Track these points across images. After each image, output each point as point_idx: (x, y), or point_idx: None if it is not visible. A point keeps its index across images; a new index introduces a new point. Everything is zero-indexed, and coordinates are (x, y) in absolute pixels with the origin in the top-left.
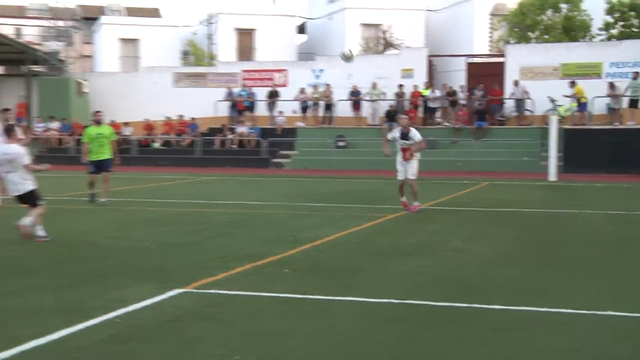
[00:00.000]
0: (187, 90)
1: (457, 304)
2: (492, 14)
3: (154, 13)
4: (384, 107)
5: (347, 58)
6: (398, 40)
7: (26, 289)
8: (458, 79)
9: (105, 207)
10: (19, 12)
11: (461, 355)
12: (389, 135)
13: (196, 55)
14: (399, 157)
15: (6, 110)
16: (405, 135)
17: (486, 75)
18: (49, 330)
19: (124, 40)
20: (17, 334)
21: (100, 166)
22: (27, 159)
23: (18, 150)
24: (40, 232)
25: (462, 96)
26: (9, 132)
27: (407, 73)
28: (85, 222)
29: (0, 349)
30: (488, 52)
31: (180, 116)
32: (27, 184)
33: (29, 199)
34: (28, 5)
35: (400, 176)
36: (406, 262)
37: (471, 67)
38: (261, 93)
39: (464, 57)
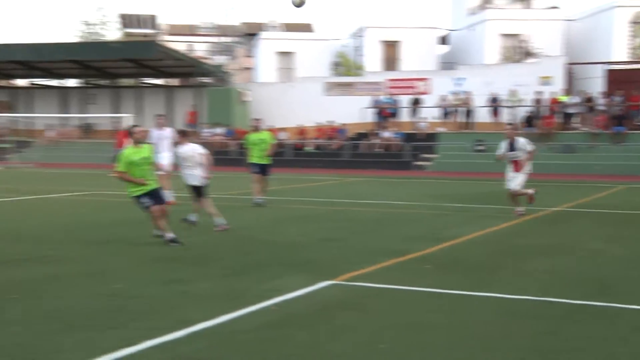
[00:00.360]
0: (336, 99)
1: (596, 302)
2: (632, 22)
3: (307, 28)
4: (522, 113)
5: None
6: (537, 49)
7: (195, 277)
8: (596, 86)
9: (263, 205)
10: (190, 30)
11: (601, 352)
12: (499, 153)
13: (345, 66)
14: (510, 168)
15: (161, 116)
16: (512, 146)
17: (625, 81)
18: (214, 314)
19: (280, 53)
20: (188, 317)
21: (259, 169)
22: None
23: (198, 149)
24: (220, 220)
25: (600, 102)
26: (183, 134)
27: (546, 80)
28: (245, 218)
29: (174, 329)
30: (628, 59)
31: (330, 122)
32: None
33: (201, 191)
34: (198, 24)
35: (510, 185)
36: (543, 262)
37: (610, 73)
38: (405, 100)
39: (602, 65)
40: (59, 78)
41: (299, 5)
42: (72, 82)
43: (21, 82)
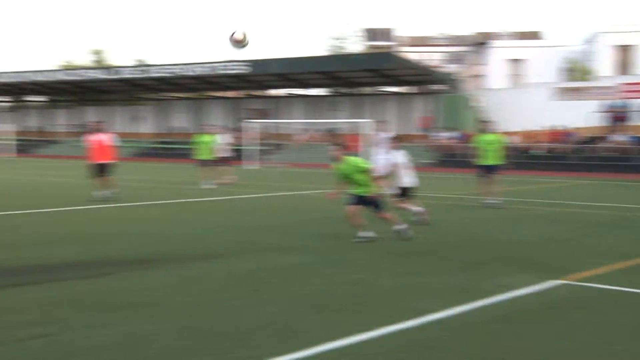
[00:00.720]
0: (563, 103)
1: None
2: None
3: (535, 35)
4: None
5: (237, 43)
6: None
7: (427, 270)
8: None
9: (497, 207)
10: (422, 41)
11: None
12: None
13: (576, 71)
14: None
15: (383, 122)
16: None
17: None
18: (445, 305)
19: (510, 60)
20: (421, 307)
21: (487, 170)
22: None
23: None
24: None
25: None
26: (396, 139)
27: None
28: (474, 218)
29: (407, 317)
30: None
31: (557, 126)
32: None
33: (408, 192)
34: (434, 35)
35: None
36: None
37: None
38: (637, 104)
39: None
40: (308, 88)
41: (238, 45)
42: (318, 91)
43: (274, 92)
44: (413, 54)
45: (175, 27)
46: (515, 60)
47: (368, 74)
